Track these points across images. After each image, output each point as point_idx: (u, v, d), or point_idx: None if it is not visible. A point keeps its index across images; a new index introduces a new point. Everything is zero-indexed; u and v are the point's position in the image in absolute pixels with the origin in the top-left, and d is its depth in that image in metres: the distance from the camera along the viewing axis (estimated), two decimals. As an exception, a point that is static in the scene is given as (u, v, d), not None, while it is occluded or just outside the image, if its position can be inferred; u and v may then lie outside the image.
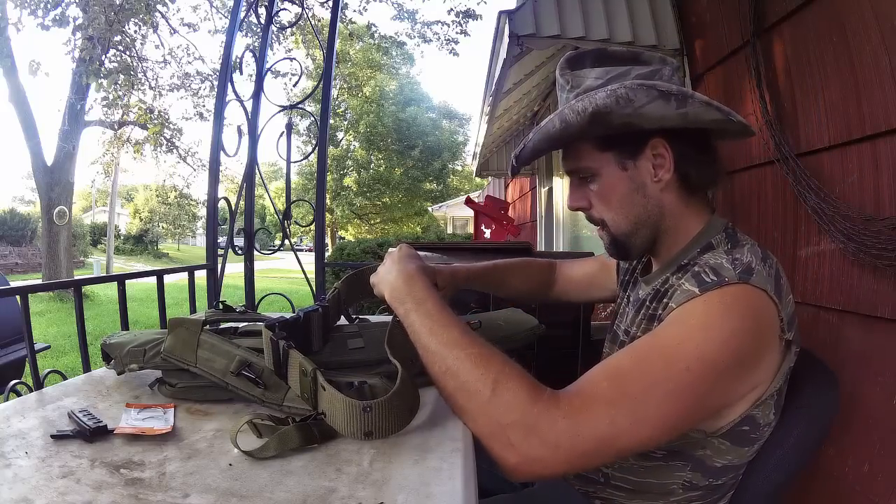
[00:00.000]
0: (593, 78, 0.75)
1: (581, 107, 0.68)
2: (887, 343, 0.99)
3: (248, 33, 6.25)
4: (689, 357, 0.60)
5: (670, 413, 0.59)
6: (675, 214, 0.77)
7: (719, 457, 0.71)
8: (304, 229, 5.36)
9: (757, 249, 0.70)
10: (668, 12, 1.89)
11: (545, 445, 0.57)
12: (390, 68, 19.44)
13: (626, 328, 0.86)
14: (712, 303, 0.63)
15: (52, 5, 6.94)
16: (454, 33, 9.83)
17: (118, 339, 0.80)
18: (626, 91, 0.67)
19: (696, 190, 0.77)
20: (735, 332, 0.61)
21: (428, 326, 0.67)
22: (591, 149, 0.75)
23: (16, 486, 0.49)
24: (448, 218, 20.84)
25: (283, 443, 0.58)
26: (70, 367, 4.38)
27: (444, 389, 0.65)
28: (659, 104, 0.67)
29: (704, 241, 0.75)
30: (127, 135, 10.24)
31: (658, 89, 0.68)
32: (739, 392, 0.66)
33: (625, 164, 0.75)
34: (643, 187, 0.75)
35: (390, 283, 0.75)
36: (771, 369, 0.67)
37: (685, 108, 0.68)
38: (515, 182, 7.12)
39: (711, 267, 0.66)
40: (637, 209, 0.76)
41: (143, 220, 24.71)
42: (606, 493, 0.80)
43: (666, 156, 0.73)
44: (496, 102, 3.17)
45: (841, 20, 1.09)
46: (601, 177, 0.76)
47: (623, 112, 0.67)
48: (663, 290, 0.76)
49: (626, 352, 0.65)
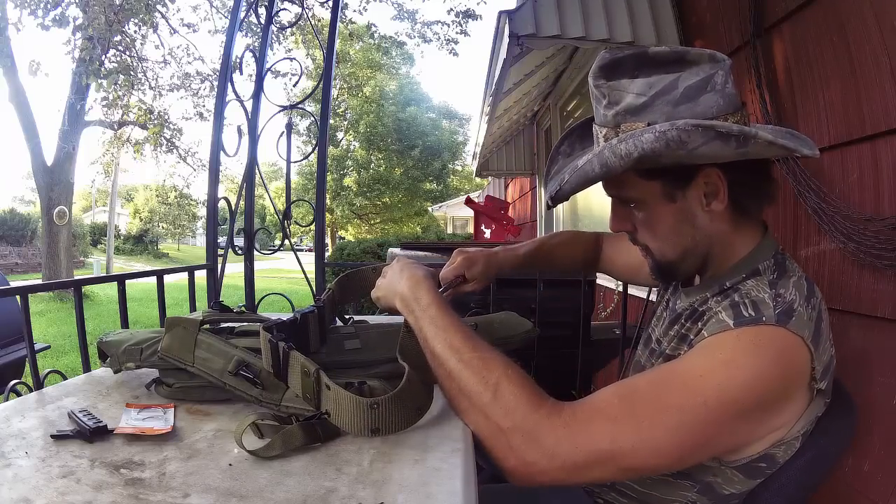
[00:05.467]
0: (634, 94, 0.65)
1: (625, 150, 0.61)
2: (887, 343, 0.99)
3: (248, 33, 6.25)
4: (709, 392, 0.57)
5: (680, 444, 0.58)
6: (724, 240, 0.71)
7: (728, 486, 0.69)
8: (304, 229, 5.37)
9: (803, 284, 0.66)
10: (668, 12, 1.89)
11: (542, 452, 0.57)
12: (390, 68, 19.44)
13: (658, 337, 0.82)
14: (744, 341, 0.60)
15: (52, 5, 6.94)
16: (454, 33, 9.85)
17: (114, 337, 0.80)
18: (678, 133, 0.59)
19: (749, 213, 0.71)
20: (761, 376, 0.59)
21: (432, 331, 0.68)
22: (636, 177, 0.68)
23: (16, 486, 0.49)
24: (448, 218, 20.85)
25: (288, 442, 0.58)
26: (70, 367, 4.38)
27: (448, 392, 0.66)
28: (716, 145, 0.59)
29: (751, 266, 0.69)
30: (127, 135, 10.24)
31: (716, 129, 0.58)
32: (756, 434, 0.64)
33: (673, 195, 0.68)
34: (692, 218, 0.69)
35: (399, 292, 0.75)
36: (795, 413, 0.64)
37: (745, 148, 0.60)
38: (515, 182, 7.12)
39: (752, 300, 0.63)
40: (685, 240, 0.70)
41: (143, 220, 24.72)
42: (610, 497, 0.80)
43: (720, 185, 0.66)
44: (496, 102, 3.17)
45: (841, 20, 1.09)
46: (646, 206, 0.70)
47: (675, 154, 0.60)
48: (700, 310, 0.71)
49: (646, 374, 0.64)
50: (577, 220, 4.28)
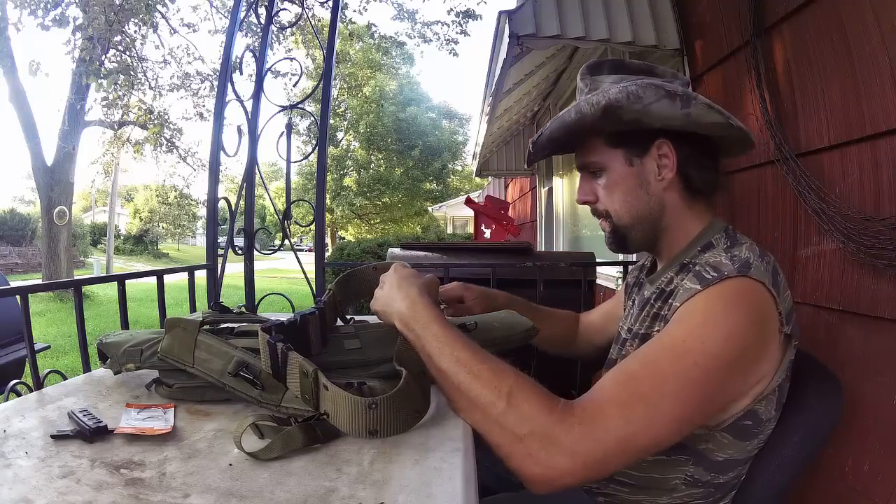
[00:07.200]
0: (609, 83, 0.81)
1: (595, 100, 0.75)
2: (887, 343, 0.98)
3: (248, 33, 6.24)
4: (696, 352, 0.62)
5: (684, 408, 0.61)
6: (675, 213, 0.82)
7: (721, 451, 0.72)
8: (304, 229, 5.36)
9: (755, 247, 0.73)
10: (669, 12, 1.89)
11: (563, 453, 0.58)
12: (390, 68, 19.45)
13: (629, 327, 0.88)
14: (713, 298, 0.66)
15: (52, 5, 6.94)
16: (454, 33, 9.86)
17: (114, 338, 0.80)
18: (636, 88, 0.73)
19: (698, 193, 0.82)
20: (737, 325, 0.64)
21: (437, 348, 0.68)
22: (603, 144, 0.82)
23: (16, 487, 0.49)
24: (448, 218, 20.85)
25: (288, 443, 0.58)
26: (70, 367, 4.38)
27: (458, 406, 0.66)
28: (665, 103, 0.73)
29: (704, 241, 0.79)
30: (127, 135, 10.24)
31: (665, 89, 0.73)
32: (747, 384, 0.68)
33: (632, 161, 0.80)
34: (647, 184, 0.80)
35: (398, 311, 0.75)
36: (774, 362, 0.69)
37: (689, 108, 0.73)
38: (515, 182, 7.12)
39: (711, 265, 0.69)
40: (639, 203, 0.81)
41: (143, 220, 24.72)
42: (610, 489, 0.81)
43: (670, 156, 0.79)
44: (496, 102, 3.17)
45: (841, 20, 1.09)
46: (609, 171, 0.82)
47: (633, 108, 0.73)
48: (668, 290, 0.78)
49: (634, 357, 0.66)
50: (578, 220, 4.28)
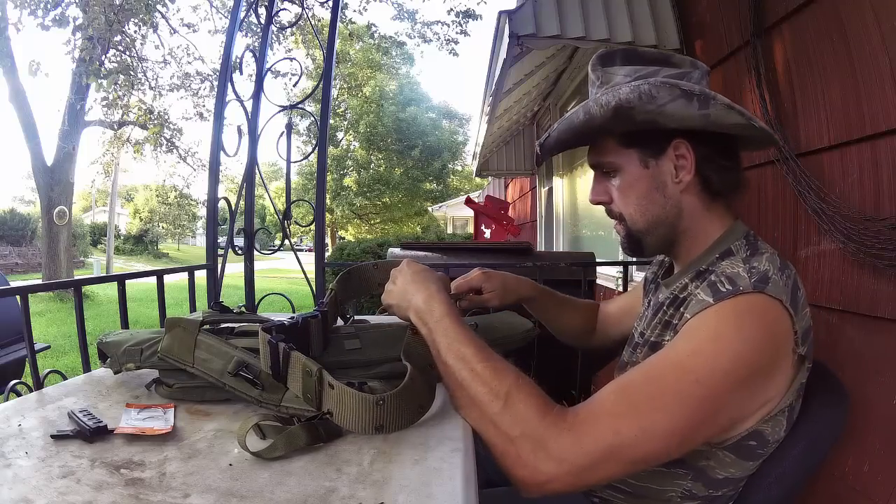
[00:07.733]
0: (622, 75, 0.75)
1: (605, 100, 0.70)
2: (887, 343, 0.98)
3: (248, 33, 6.24)
4: (700, 369, 0.59)
5: (681, 425, 0.59)
6: (694, 217, 0.76)
7: (722, 469, 0.70)
8: (304, 229, 5.36)
9: (776, 259, 0.69)
10: (669, 12, 1.89)
11: (550, 459, 0.58)
12: (390, 68, 19.44)
13: (641, 330, 0.85)
14: (725, 313, 0.62)
15: (52, 5, 6.94)
16: (454, 33, 9.87)
17: (114, 337, 0.80)
18: (649, 88, 0.67)
19: (718, 195, 0.76)
20: (747, 344, 0.60)
21: (445, 343, 0.68)
22: (616, 144, 0.76)
23: (16, 486, 0.49)
24: (448, 218, 20.84)
25: (291, 442, 0.58)
26: (70, 367, 4.38)
27: (459, 402, 0.66)
28: (681, 103, 0.67)
29: (724, 247, 0.74)
30: (127, 135, 10.24)
31: (681, 88, 0.68)
32: (754, 404, 0.65)
33: (647, 162, 0.75)
34: (663, 186, 0.75)
35: (415, 305, 0.74)
36: (783, 383, 0.66)
37: (707, 109, 0.68)
38: (515, 182, 7.12)
39: (728, 276, 0.65)
40: (655, 207, 0.76)
41: (143, 220, 24.72)
42: (606, 494, 0.80)
43: (688, 157, 0.73)
44: (496, 102, 3.17)
45: (841, 20, 1.09)
46: (623, 172, 0.77)
47: (646, 108, 0.68)
48: (682, 297, 0.75)
49: (638, 368, 0.64)
50: (578, 220, 4.28)
